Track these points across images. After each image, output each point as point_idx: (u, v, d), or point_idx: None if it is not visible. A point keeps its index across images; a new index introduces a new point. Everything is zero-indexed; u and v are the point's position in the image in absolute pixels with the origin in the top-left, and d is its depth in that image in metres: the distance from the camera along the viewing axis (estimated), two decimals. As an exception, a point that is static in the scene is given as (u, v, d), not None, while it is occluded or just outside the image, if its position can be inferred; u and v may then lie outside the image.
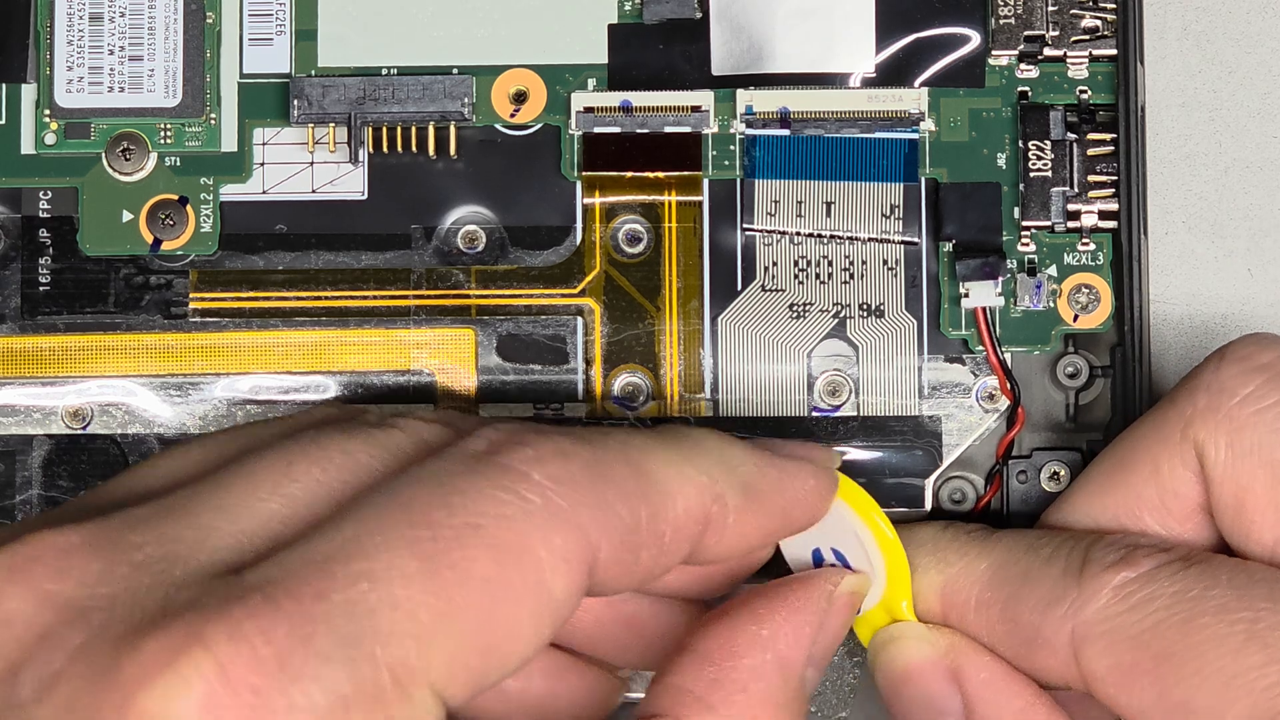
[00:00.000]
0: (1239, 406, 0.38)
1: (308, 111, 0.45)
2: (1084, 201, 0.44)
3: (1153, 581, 0.36)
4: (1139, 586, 0.36)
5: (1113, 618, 0.36)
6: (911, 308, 0.45)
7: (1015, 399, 0.44)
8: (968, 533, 0.40)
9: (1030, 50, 0.44)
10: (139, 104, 0.45)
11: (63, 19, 0.45)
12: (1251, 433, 0.37)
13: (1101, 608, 0.37)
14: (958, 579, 0.39)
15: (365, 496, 0.34)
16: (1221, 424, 0.38)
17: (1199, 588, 0.36)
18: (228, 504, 0.34)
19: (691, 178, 0.45)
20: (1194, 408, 0.38)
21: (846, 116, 0.45)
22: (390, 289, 0.45)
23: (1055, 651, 0.37)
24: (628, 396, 0.45)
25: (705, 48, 0.45)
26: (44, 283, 0.45)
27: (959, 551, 0.40)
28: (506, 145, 0.45)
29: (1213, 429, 0.38)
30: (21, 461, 0.45)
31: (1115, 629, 0.36)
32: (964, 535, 0.40)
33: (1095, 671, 0.37)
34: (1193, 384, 0.39)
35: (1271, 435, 0.37)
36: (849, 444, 0.44)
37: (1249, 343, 0.39)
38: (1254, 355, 0.38)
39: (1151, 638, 0.36)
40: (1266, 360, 0.38)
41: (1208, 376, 0.38)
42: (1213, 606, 0.35)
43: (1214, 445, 0.38)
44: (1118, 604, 0.36)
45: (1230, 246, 0.44)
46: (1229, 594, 0.36)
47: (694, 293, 0.45)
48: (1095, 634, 0.36)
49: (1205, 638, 0.35)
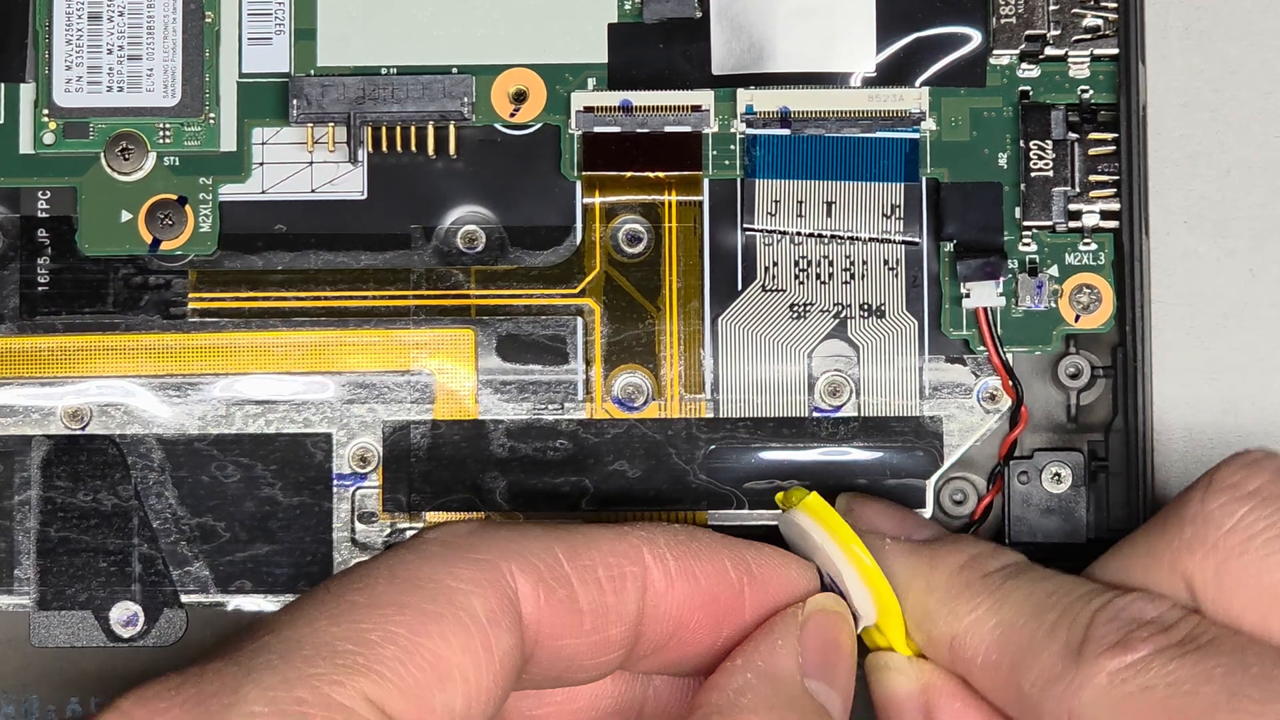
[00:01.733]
0: (1226, 537, 0.37)
1: (307, 111, 0.45)
2: (1085, 201, 0.44)
3: (1148, 670, 0.36)
4: (1134, 674, 0.36)
5: (1108, 705, 0.36)
6: (912, 308, 0.45)
7: (1018, 399, 0.44)
8: (983, 576, 0.40)
9: (1031, 49, 0.44)
10: (138, 103, 0.45)
11: (61, 18, 0.45)
12: (1239, 563, 0.37)
13: (1097, 692, 0.36)
14: (967, 635, 0.39)
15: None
16: (1209, 555, 0.37)
17: (1192, 682, 0.35)
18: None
19: (692, 177, 0.45)
20: (1180, 538, 0.38)
21: (847, 116, 0.44)
22: (390, 289, 0.45)
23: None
24: (628, 397, 0.45)
25: (705, 47, 0.45)
26: (43, 283, 0.45)
27: (970, 604, 0.39)
28: (506, 145, 0.45)
29: (1200, 561, 0.37)
30: (20, 462, 0.45)
31: (1110, 717, 0.36)
32: (978, 581, 0.40)
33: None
34: (1180, 513, 0.38)
35: (1260, 565, 0.37)
36: (850, 444, 0.44)
37: (1236, 468, 0.38)
38: (1241, 482, 0.37)
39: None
40: (1254, 487, 0.37)
41: (1194, 506, 0.38)
42: (1204, 704, 0.35)
43: (1202, 578, 0.37)
44: (1113, 690, 0.36)
45: (1232, 246, 0.44)
46: (1220, 695, 0.35)
47: (694, 293, 0.45)
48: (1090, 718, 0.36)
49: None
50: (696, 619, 0.39)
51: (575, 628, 0.37)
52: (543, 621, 0.37)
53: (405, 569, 0.36)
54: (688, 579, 0.38)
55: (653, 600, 0.38)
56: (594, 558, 0.38)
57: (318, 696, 0.33)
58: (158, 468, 0.45)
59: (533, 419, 0.45)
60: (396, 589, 0.35)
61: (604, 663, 0.38)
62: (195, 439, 0.45)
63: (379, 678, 0.34)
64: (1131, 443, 0.43)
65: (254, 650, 0.34)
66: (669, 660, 0.39)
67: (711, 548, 0.39)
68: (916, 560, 0.40)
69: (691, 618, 0.39)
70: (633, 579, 0.38)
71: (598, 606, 0.37)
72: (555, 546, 0.37)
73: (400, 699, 0.34)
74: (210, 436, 0.45)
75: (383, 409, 0.45)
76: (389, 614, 0.35)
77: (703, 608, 0.39)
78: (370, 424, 0.45)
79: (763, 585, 0.39)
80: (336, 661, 0.33)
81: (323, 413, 0.45)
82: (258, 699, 0.33)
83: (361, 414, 0.45)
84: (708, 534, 0.39)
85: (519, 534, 0.37)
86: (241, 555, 0.45)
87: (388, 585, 0.35)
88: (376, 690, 0.33)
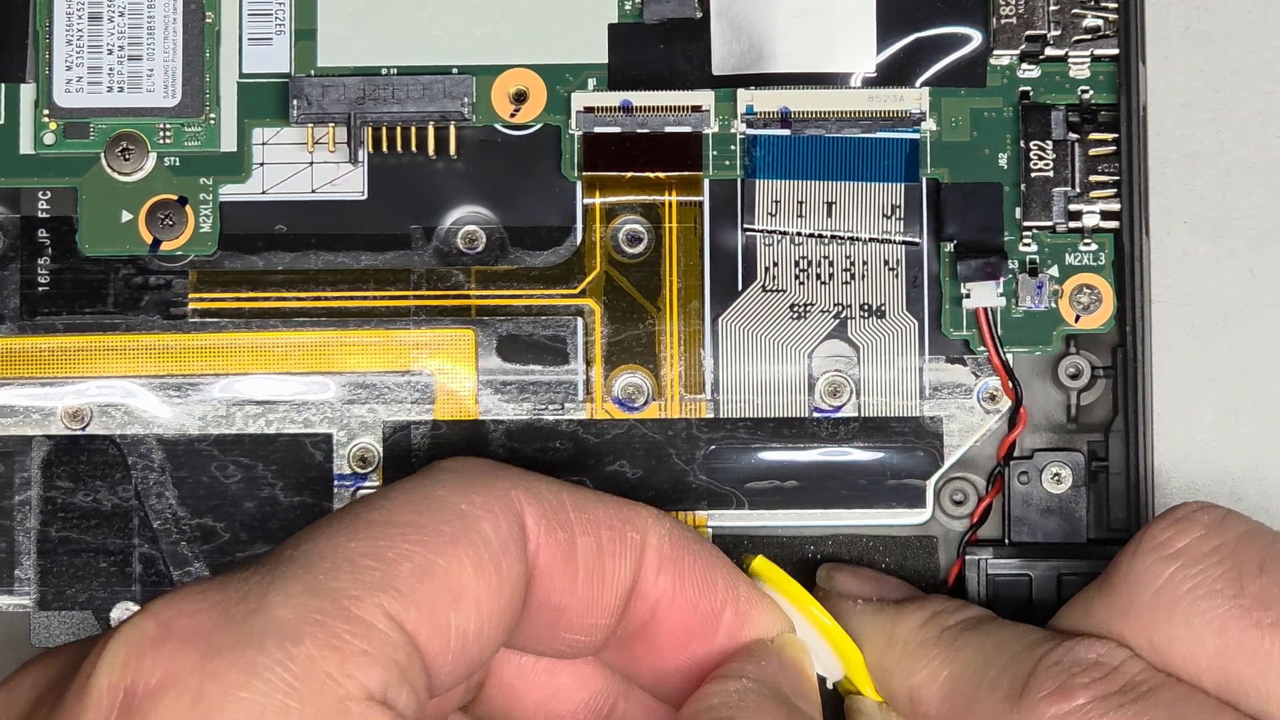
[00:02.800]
0: (1154, 598, 0.37)
1: (307, 111, 0.45)
2: (1085, 201, 0.44)
3: (1086, 717, 0.36)
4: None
5: None
6: (913, 308, 0.45)
7: (1017, 399, 0.44)
8: (940, 632, 0.40)
9: (1032, 50, 0.44)
10: (138, 104, 0.45)
11: (62, 19, 0.45)
12: (1168, 624, 0.36)
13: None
14: (921, 689, 0.40)
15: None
16: (1141, 617, 0.37)
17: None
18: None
19: (692, 178, 0.45)
20: (1113, 601, 0.38)
21: (847, 116, 0.44)
22: (390, 289, 0.45)
23: None
24: (628, 397, 0.45)
25: (705, 47, 0.45)
26: (43, 283, 0.45)
27: (925, 660, 0.40)
28: (506, 145, 0.45)
29: (1134, 623, 0.37)
30: (20, 462, 0.45)
31: None
32: (934, 637, 0.40)
33: None
34: (1112, 574, 0.38)
35: (1187, 626, 0.36)
36: (850, 445, 0.44)
37: (1165, 526, 0.38)
38: (1169, 541, 0.37)
39: None
40: (1180, 545, 0.37)
41: (1124, 568, 0.38)
42: None
43: (1135, 640, 0.37)
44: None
45: (1232, 246, 0.44)
46: None
47: (694, 293, 0.45)
48: None
49: None
50: (670, 617, 0.39)
51: (569, 577, 0.37)
52: (540, 560, 0.37)
53: (421, 492, 0.36)
54: (676, 571, 0.39)
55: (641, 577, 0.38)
56: (599, 515, 0.38)
57: (338, 608, 0.33)
58: (158, 468, 0.45)
59: (533, 419, 0.45)
60: (412, 510, 0.36)
61: (591, 626, 0.38)
62: (196, 439, 0.45)
63: (397, 593, 0.34)
64: (1131, 443, 0.43)
65: (278, 562, 0.35)
66: (634, 658, 0.40)
67: (710, 560, 0.39)
68: (881, 618, 0.41)
69: (666, 614, 0.39)
70: (631, 547, 0.38)
71: (593, 564, 0.38)
72: (564, 495, 0.38)
73: (416, 616, 0.34)
74: (211, 437, 0.45)
75: (383, 409, 0.45)
76: (406, 533, 0.35)
77: (679, 607, 0.39)
78: (371, 424, 0.45)
79: (742, 616, 0.39)
80: (357, 576, 0.34)
81: (323, 413, 0.45)
82: (281, 605, 0.33)
83: (362, 414, 0.45)
84: (714, 550, 0.40)
85: (532, 476, 0.38)
86: (242, 556, 0.45)
87: (404, 507, 0.36)
88: (395, 605, 0.34)
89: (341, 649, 0.33)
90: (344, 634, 0.33)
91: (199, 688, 0.32)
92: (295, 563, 0.34)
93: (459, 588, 0.35)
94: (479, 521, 0.36)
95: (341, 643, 0.33)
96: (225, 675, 0.32)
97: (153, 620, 0.33)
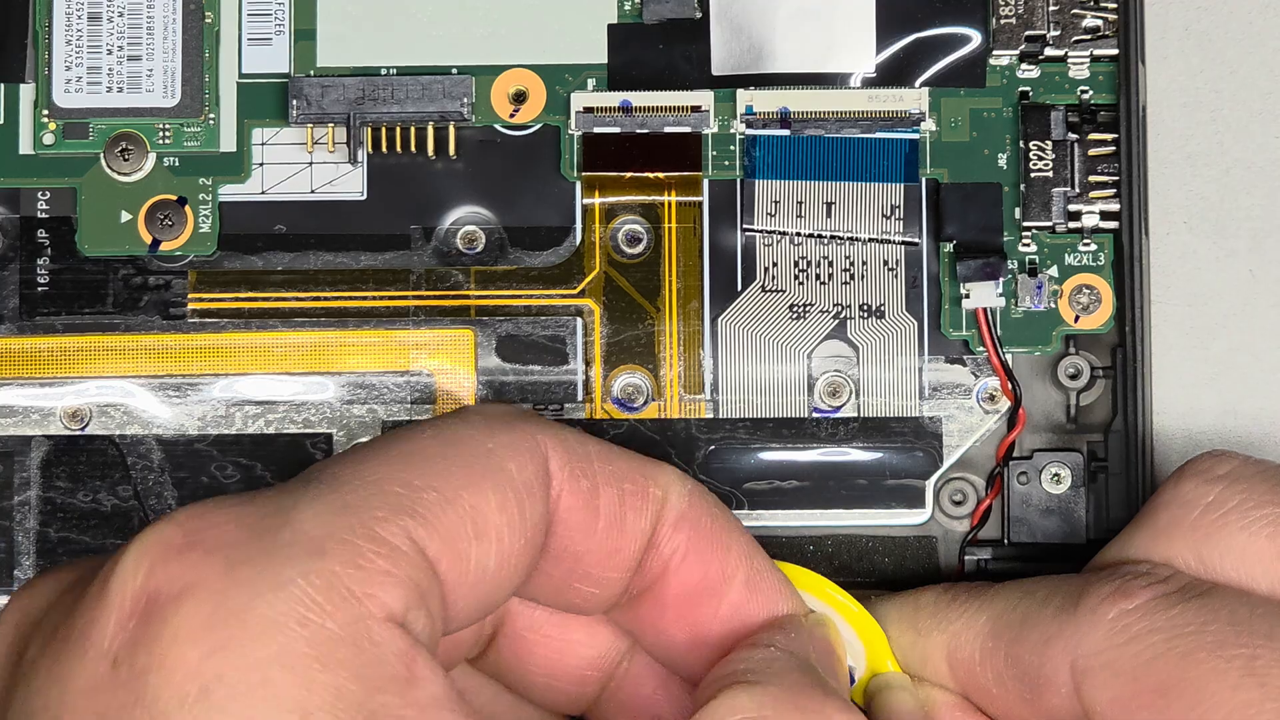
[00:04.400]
0: (1201, 516, 0.38)
1: (307, 111, 0.45)
2: (1085, 202, 0.44)
3: (1150, 614, 0.36)
4: (1136, 619, 0.36)
5: (1111, 650, 0.36)
6: (912, 308, 0.45)
7: (1016, 400, 0.44)
8: (968, 590, 0.40)
9: (1031, 50, 0.44)
10: (138, 104, 0.45)
11: (61, 19, 0.45)
12: (1218, 538, 0.38)
13: (1100, 640, 0.36)
14: (960, 635, 0.39)
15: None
16: (1187, 536, 0.38)
17: (1197, 622, 0.36)
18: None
19: (691, 178, 0.45)
20: (1156, 526, 0.39)
21: (847, 116, 0.44)
22: (390, 289, 0.45)
23: (1058, 689, 0.37)
24: (627, 397, 0.45)
25: (705, 48, 0.45)
26: (42, 283, 0.45)
27: (959, 610, 0.40)
28: (506, 145, 0.45)
29: (1180, 543, 0.38)
30: (20, 462, 0.45)
31: (1114, 661, 0.36)
32: (964, 594, 0.40)
33: (1096, 705, 0.36)
34: (1154, 503, 0.39)
35: (1238, 536, 0.37)
36: (849, 445, 0.44)
37: (1204, 459, 0.39)
38: (1211, 468, 0.39)
39: (1149, 670, 0.36)
40: (1223, 471, 0.38)
41: (1168, 494, 0.39)
42: (1210, 641, 0.35)
43: (1184, 559, 0.38)
44: (1116, 636, 0.36)
45: (1232, 247, 0.44)
46: (1227, 629, 0.35)
47: (694, 293, 0.45)
48: (1094, 666, 0.36)
49: (1203, 672, 0.35)
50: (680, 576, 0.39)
51: (589, 525, 0.37)
52: (561, 506, 0.37)
53: (448, 428, 0.36)
54: (693, 530, 0.38)
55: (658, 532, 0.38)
56: (623, 468, 0.38)
57: (365, 528, 0.33)
58: (157, 468, 0.45)
59: (532, 419, 0.45)
60: (440, 444, 0.36)
61: (607, 579, 0.38)
62: (195, 439, 0.45)
63: (422, 519, 0.34)
64: (1131, 443, 0.43)
65: (306, 482, 0.35)
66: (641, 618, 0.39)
67: (728, 526, 0.39)
68: (901, 598, 0.41)
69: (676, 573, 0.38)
70: (652, 501, 0.38)
71: (614, 514, 0.38)
72: (589, 445, 0.38)
73: (440, 544, 0.34)
74: (210, 437, 0.45)
75: (382, 409, 0.45)
76: (432, 463, 0.35)
77: (690, 566, 0.39)
78: (370, 424, 0.45)
79: (753, 587, 0.39)
80: (383, 499, 0.34)
81: (322, 413, 0.45)
82: (309, 521, 0.33)
83: (361, 414, 0.45)
84: (735, 521, 0.39)
85: (559, 424, 0.38)
86: (241, 556, 0.45)
87: (432, 441, 0.36)
88: (419, 531, 0.34)
89: (365, 567, 0.33)
90: (369, 553, 0.33)
91: (221, 595, 0.32)
92: (323, 483, 0.34)
93: (482, 521, 0.35)
94: (505, 460, 0.36)
95: (366, 561, 0.33)
96: (249, 585, 0.32)
97: (178, 528, 0.33)
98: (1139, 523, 0.39)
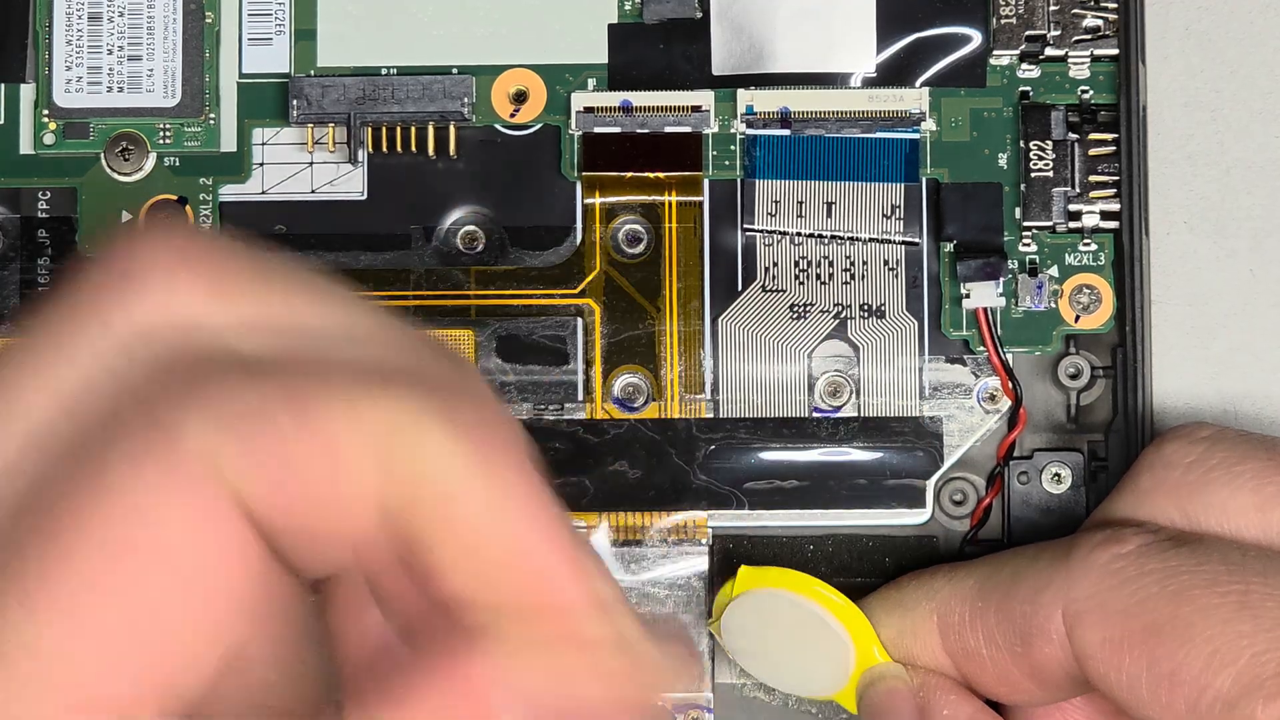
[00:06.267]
0: (1184, 475, 0.38)
1: (307, 111, 0.45)
2: (1085, 201, 0.44)
3: (1142, 557, 0.36)
4: (1128, 563, 0.36)
5: (1102, 593, 0.36)
6: (912, 308, 0.45)
7: (1017, 400, 0.44)
8: (950, 565, 0.41)
9: (1032, 50, 0.44)
10: (138, 104, 0.45)
11: (61, 19, 0.45)
12: (1203, 495, 0.38)
13: (1092, 583, 0.37)
14: (949, 600, 0.40)
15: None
16: (1170, 495, 0.38)
17: (1190, 563, 0.36)
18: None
19: (692, 178, 0.45)
20: (1139, 488, 0.39)
21: (847, 116, 0.44)
22: (390, 289, 0.45)
23: (1050, 637, 0.37)
24: (627, 397, 0.45)
25: (705, 48, 0.45)
26: (43, 283, 0.45)
27: (944, 578, 0.40)
28: (506, 145, 0.45)
29: (1163, 502, 0.38)
30: (20, 462, 0.45)
31: (1105, 603, 0.36)
32: (946, 567, 0.41)
33: (1087, 648, 0.37)
34: (1135, 468, 0.40)
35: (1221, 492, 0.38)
36: (850, 445, 0.44)
37: (1185, 425, 0.40)
38: (1192, 431, 0.39)
39: (1141, 610, 0.36)
40: (1204, 434, 0.39)
41: (1149, 459, 0.39)
42: (1204, 580, 0.35)
43: (1168, 518, 0.38)
44: (1107, 579, 0.36)
45: (1232, 247, 0.44)
46: (1221, 568, 0.36)
47: (694, 293, 0.45)
48: (1086, 609, 0.37)
49: (1195, 609, 0.35)
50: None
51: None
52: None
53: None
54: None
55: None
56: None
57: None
58: (158, 468, 0.45)
59: (533, 419, 0.45)
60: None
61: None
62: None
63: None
64: (1131, 443, 0.43)
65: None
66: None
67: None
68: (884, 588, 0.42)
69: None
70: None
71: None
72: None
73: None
74: (210, 437, 0.45)
75: (383, 409, 0.45)
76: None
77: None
78: (370, 424, 0.45)
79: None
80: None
81: (323, 413, 0.45)
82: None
83: (361, 414, 0.45)
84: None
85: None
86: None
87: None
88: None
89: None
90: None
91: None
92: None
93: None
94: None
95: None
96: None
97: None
98: (1121, 488, 0.40)
